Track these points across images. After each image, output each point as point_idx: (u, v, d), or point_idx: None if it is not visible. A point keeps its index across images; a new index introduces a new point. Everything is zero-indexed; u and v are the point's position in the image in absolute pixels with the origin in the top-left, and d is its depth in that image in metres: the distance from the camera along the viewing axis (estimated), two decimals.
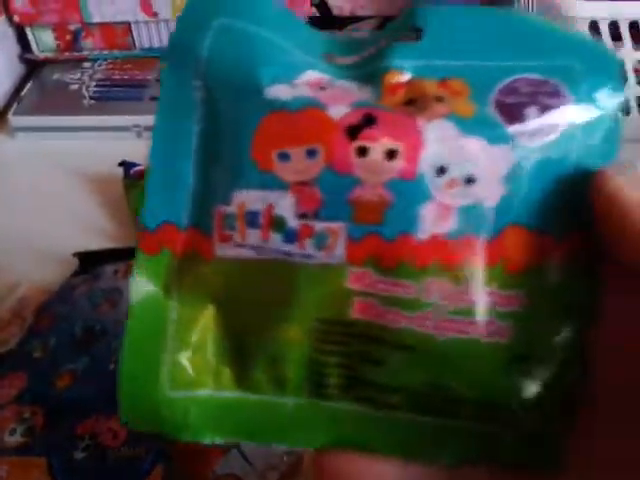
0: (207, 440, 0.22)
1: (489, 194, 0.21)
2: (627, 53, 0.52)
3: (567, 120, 0.21)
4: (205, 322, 0.23)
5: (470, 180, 0.20)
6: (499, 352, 0.21)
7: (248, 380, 0.22)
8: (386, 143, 0.20)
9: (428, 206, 0.20)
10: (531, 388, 0.21)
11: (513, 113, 0.21)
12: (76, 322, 0.38)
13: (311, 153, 0.21)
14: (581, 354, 0.21)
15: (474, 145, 0.21)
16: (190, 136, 0.22)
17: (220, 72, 0.22)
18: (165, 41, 0.68)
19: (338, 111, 0.21)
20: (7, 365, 0.36)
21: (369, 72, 0.23)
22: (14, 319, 0.39)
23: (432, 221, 0.20)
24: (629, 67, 0.52)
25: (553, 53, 0.22)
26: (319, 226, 0.21)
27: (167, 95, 0.22)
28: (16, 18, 0.63)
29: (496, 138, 0.20)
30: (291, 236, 0.21)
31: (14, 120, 0.60)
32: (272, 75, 0.22)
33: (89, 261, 0.44)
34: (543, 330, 0.21)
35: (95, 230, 0.45)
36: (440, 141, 0.20)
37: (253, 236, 0.21)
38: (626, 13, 0.50)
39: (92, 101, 0.61)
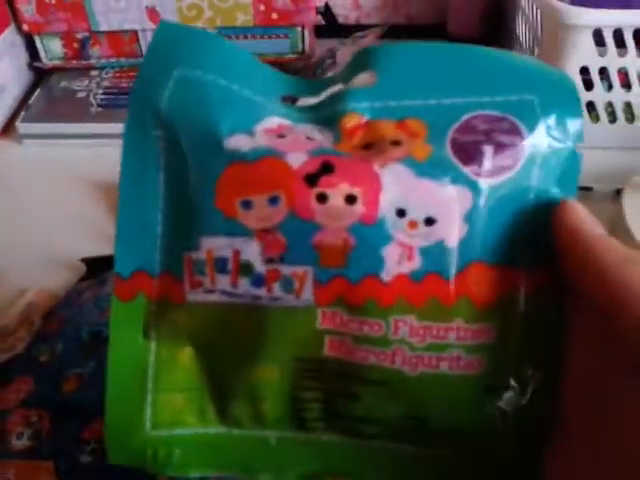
0: (192, 474, 0.23)
1: (450, 233, 0.21)
2: (631, 61, 0.52)
3: (525, 156, 0.21)
4: (184, 363, 0.23)
5: (430, 221, 0.21)
6: (469, 384, 0.21)
7: (230, 416, 0.23)
8: (345, 189, 0.20)
9: (390, 247, 0.21)
10: (503, 416, 0.21)
11: (470, 153, 0.21)
12: (83, 326, 0.38)
13: (273, 200, 0.21)
14: (550, 383, 0.21)
15: (429, 187, 0.21)
16: (156, 185, 0.22)
17: (180, 124, 0.22)
18: None
19: (296, 159, 0.21)
20: (15, 370, 0.37)
21: (328, 115, 0.23)
22: (22, 324, 0.40)
23: (395, 262, 0.21)
24: (633, 75, 0.53)
25: (510, 88, 0.22)
26: (286, 270, 0.21)
27: (131, 146, 0.23)
28: (25, 27, 0.64)
29: (452, 180, 0.21)
30: (259, 280, 0.21)
31: (22, 127, 0.60)
32: (230, 126, 0.22)
33: (96, 266, 0.45)
34: (511, 361, 0.21)
35: (102, 236, 0.46)
36: (396, 184, 0.21)
37: (223, 281, 0.21)
38: (630, 21, 0.50)
39: (99, 109, 0.62)
